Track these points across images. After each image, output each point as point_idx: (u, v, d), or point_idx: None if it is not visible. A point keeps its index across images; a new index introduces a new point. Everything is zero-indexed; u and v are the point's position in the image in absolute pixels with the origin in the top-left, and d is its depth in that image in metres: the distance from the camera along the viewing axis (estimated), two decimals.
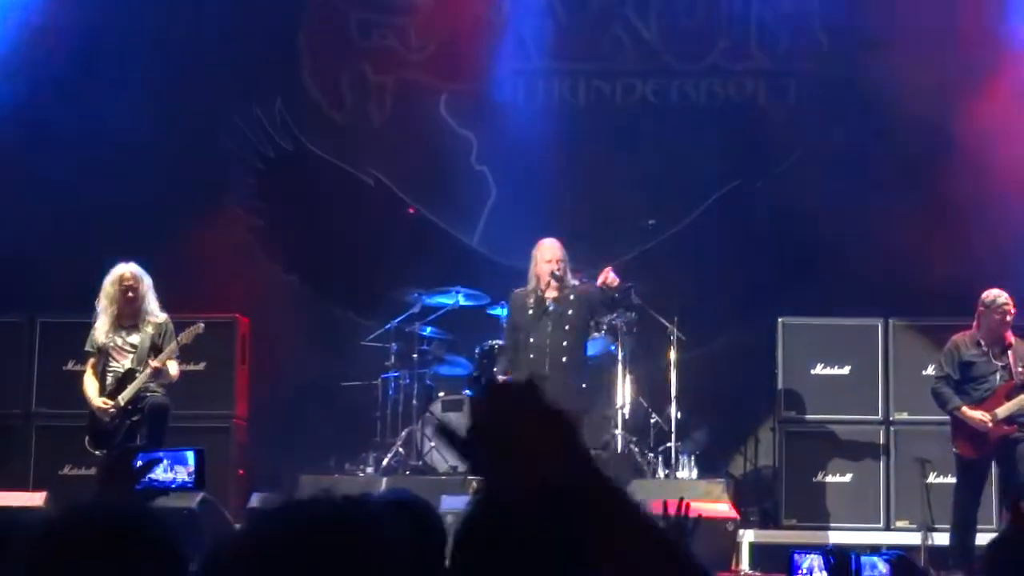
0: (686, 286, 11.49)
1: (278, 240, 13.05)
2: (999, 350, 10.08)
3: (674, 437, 11.13)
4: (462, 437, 2.03)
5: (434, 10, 13.14)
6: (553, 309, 10.18)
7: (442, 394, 11.43)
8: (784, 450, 11.30)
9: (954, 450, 10.18)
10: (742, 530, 10.34)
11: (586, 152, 12.84)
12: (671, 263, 11.93)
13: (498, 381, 2.04)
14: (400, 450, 11.21)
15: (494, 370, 10.73)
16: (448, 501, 8.88)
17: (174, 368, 9.79)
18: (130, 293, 9.73)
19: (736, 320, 12.24)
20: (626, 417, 11.04)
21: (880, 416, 11.25)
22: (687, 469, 11.06)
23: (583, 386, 10.12)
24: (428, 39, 13.16)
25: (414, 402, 11.38)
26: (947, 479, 10.59)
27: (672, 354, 11.24)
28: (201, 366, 11.12)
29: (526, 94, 13.17)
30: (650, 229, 11.87)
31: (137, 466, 3.70)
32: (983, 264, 11.22)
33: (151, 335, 9.74)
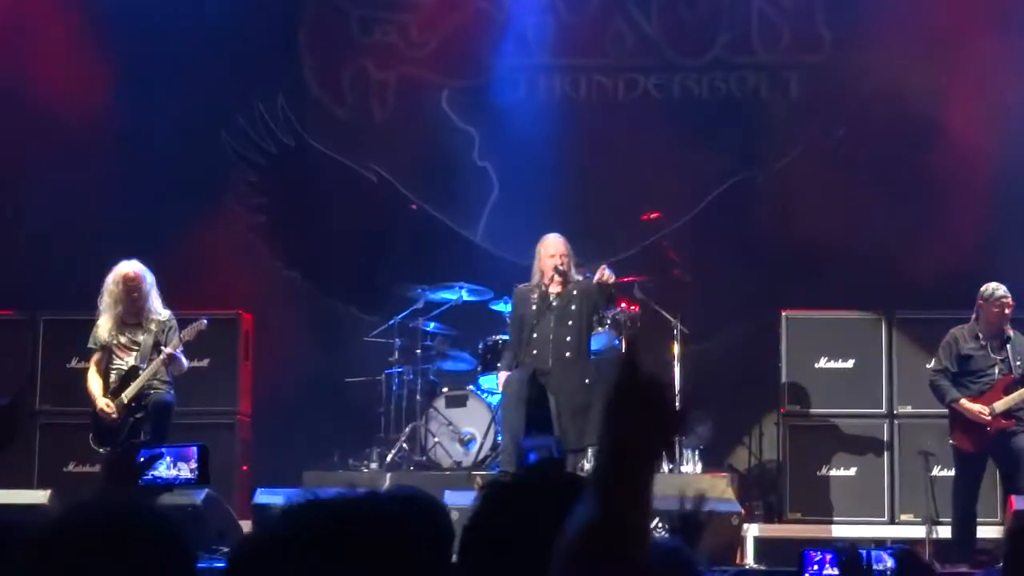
0: (690, 281, 11.46)
1: (280, 236, 13.05)
2: (998, 343, 10.07)
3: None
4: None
5: (435, 6, 13.14)
6: (557, 304, 10.18)
7: (446, 389, 11.44)
8: (788, 444, 11.30)
9: (952, 443, 10.19)
10: (747, 524, 10.33)
11: (588, 147, 12.83)
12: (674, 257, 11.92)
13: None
14: (404, 446, 11.21)
15: (498, 366, 10.73)
16: (452, 496, 8.88)
17: (184, 360, 9.80)
18: (133, 291, 9.72)
19: (739, 314, 12.23)
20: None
21: (884, 410, 11.24)
22: (691, 463, 11.05)
23: (586, 381, 10.10)
24: (429, 35, 13.15)
25: (418, 398, 11.38)
26: (951, 472, 10.58)
27: (676, 348, 11.24)
28: (204, 362, 11.11)
29: (528, 89, 13.16)
30: (651, 222, 11.85)
31: (139, 462, 3.70)
32: (987, 258, 11.22)
33: (154, 333, 9.75)
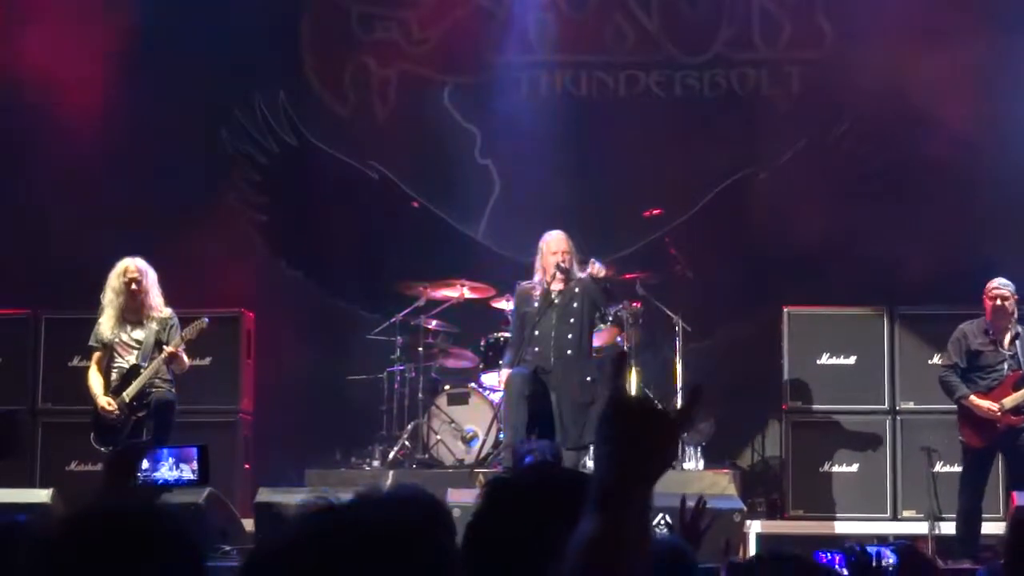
0: (691, 277, 11.46)
1: (282, 234, 13.04)
2: (1007, 339, 10.06)
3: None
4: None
5: (436, 3, 13.14)
6: (559, 301, 10.16)
7: (448, 387, 11.43)
8: (790, 440, 11.29)
9: (960, 439, 10.17)
10: (749, 521, 10.32)
11: (589, 145, 12.83)
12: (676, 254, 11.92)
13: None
14: (406, 443, 11.21)
15: (500, 363, 10.73)
16: (455, 494, 8.88)
17: (186, 358, 9.80)
18: (134, 286, 9.72)
19: (741, 310, 12.24)
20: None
21: (886, 406, 11.23)
22: (693, 460, 11.06)
23: (588, 379, 10.09)
24: (430, 32, 13.15)
25: (420, 395, 11.38)
26: (953, 468, 10.58)
27: (678, 345, 11.24)
28: (207, 361, 11.11)
29: (529, 87, 13.16)
30: (653, 219, 11.84)
31: (139, 460, 3.69)
32: (989, 254, 11.21)
33: (155, 331, 9.75)
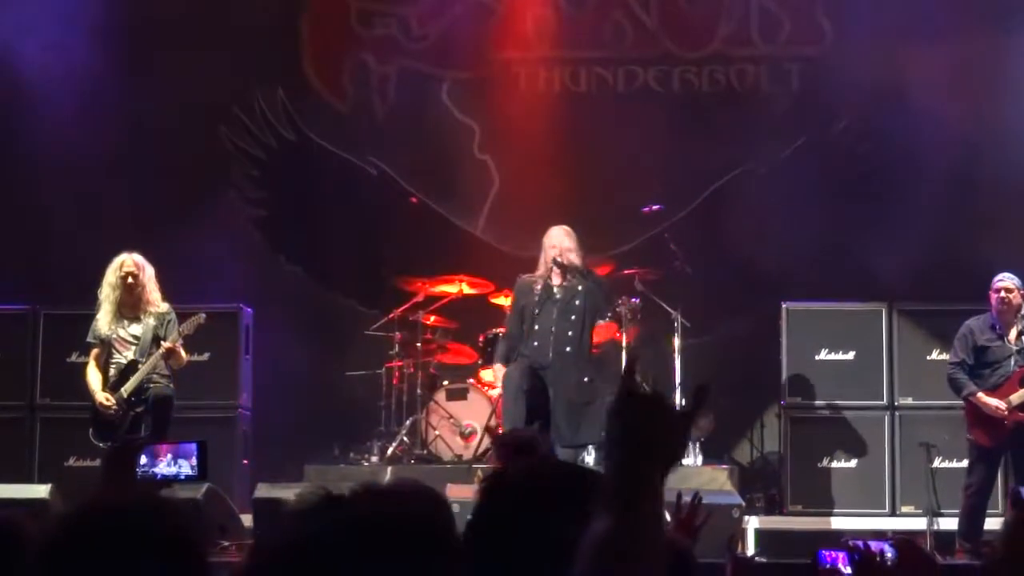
0: (690, 273, 11.46)
1: (281, 230, 13.04)
2: (1014, 333, 10.03)
3: None
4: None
5: None
6: (560, 297, 10.15)
7: (446, 383, 11.44)
8: (789, 436, 11.29)
9: (969, 437, 10.13)
10: (747, 516, 10.33)
11: (588, 140, 12.82)
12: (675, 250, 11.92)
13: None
14: (405, 439, 11.22)
15: (494, 358, 10.74)
16: (453, 490, 8.88)
17: (183, 353, 9.80)
18: (131, 280, 9.72)
19: (740, 306, 12.23)
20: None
21: (885, 401, 11.23)
22: (692, 456, 11.05)
23: (585, 379, 10.08)
24: (429, 28, 13.14)
25: (418, 391, 11.39)
26: (952, 464, 10.58)
27: (676, 341, 11.24)
28: (205, 356, 11.11)
29: (528, 82, 13.15)
30: (653, 215, 11.83)
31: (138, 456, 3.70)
32: (988, 250, 11.20)
33: (153, 326, 9.74)
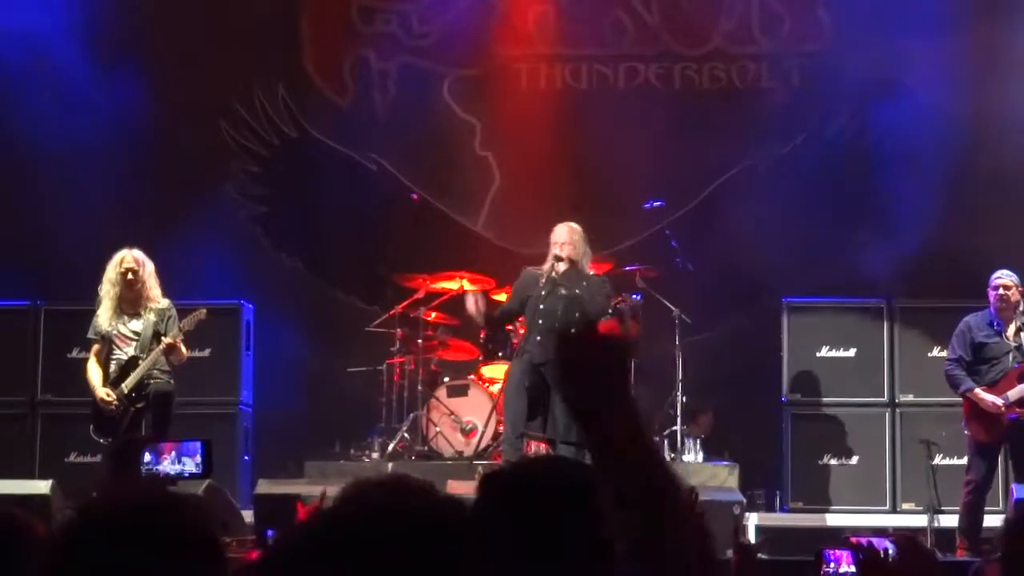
0: (691, 269, 11.45)
1: (282, 226, 13.04)
2: (1012, 330, 10.04)
3: (680, 421, 11.15)
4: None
5: None
6: (565, 294, 10.08)
7: (447, 379, 11.44)
8: (790, 433, 11.30)
9: (967, 433, 10.15)
10: (748, 513, 10.33)
11: (589, 137, 12.81)
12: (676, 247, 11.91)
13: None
14: (405, 435, 11.22)
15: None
16: (454, 487, 8.89)
17: (184, 348, 9.80)
18: (131, 277, 9.72)
19: (741, 303, 12.24)
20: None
21: (886, 398, 11.24)
22: (693, 453, 11.07)
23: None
24: (430, 25, 13.13)
25: (419, 387, 11.38)
26: (953, 461, 10.58)
27: (677, 338, 11.24)
28: (206, 352, 11.12)
29: (529, 79, 13.14)
30: (652, 212, 11.82)
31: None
32: (989, 246, 11.20)
33: (153, 322, 9.74)
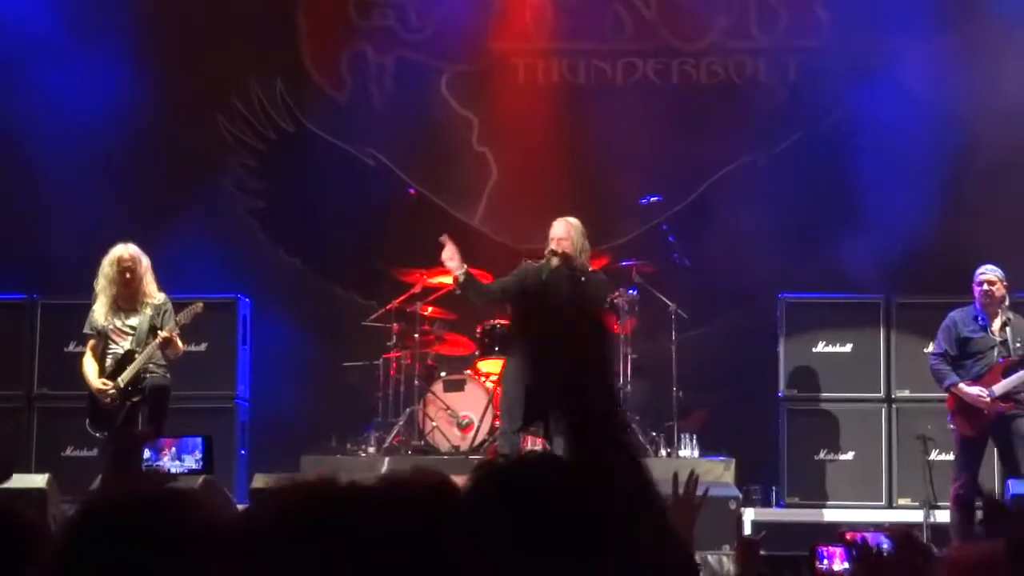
0: (688, 265, 11.46)
1: (279, 221, 13.04)
2: (997, 325, 10.07)
3: (676, 416, 11.16)
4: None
5: None
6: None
7: (444, 374, 11.45)
8: (786, 428, 11.31)
9: (951, 427, 10.19)
10: (744, 508, 10.34)
11: (587, 132, 12.81)
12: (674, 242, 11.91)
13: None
14: (402, 429, 11.23)
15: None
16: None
17: (180, 343, 9.79)
18: (128, 274, 9.71)
19: (738, 298, 12.23)
20: (627, 396, 11.03)
21: (882, 394, 11.26)
22: (689, 448, 11.08)
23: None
24: (428, 19, 13.12)
25: (416, 382, 11.39)
26: (949, 456, 10.59)
27: (674, 333, 11.25)
28: (203, 347, 11.13)
29: (527, 74, 13.14)
30: (650, 207, 11.82)
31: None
32: (986, 242, 11.20)
33: (149, 316, 9.73)
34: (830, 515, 10.85)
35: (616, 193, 12.33)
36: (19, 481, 10.35)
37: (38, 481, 10.40)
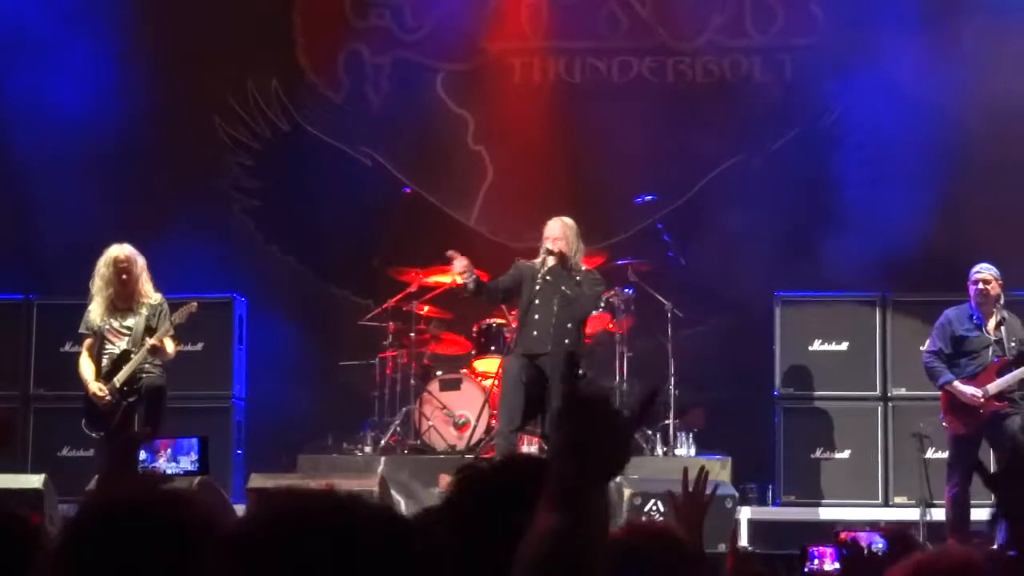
0: (684, 263, 11.47)
1: (275, 220, 13.04)
2: (992, 324, 10.07)
3: (672, 415, 11.16)
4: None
5: None
6: (567, 289, 10.00)
7: (440, 373, 11.45)
8: (782, 427, 11.31)
9: (944, 425, 10.19)
10: (740, 507, 10.34)
11: (582, 131, 12.81)
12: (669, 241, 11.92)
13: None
14: (398, 429, 11.23)
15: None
16: (446, 480, 8.89)
17: (171, 346, 9.77)
18: (124, 275, 9.70)
19: (734, 297, 12.23)
20: (624, 395, 11.04)
21: (878, 392, 11.26)
22: (685, 447, 11.08)
23: (580, 373, 10.03)
24: (424, 19, 13.13)
25: (412, 381, 11.39)
26: (945, 455, 10.58)
27: (670, 332, 11.25)
28: (199, 346, 11.13)
29: (522, 73, 13.14)
30: (645, 206, 11.83)
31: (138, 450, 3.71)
32: (983, 240, 11.21)
33: (145, 316, 9.73)
34: (826, 513, 10.85)
35: (611, 192, 12.33)
36: (15, 481, 10.35)
37: (34, 481, 10.38)
